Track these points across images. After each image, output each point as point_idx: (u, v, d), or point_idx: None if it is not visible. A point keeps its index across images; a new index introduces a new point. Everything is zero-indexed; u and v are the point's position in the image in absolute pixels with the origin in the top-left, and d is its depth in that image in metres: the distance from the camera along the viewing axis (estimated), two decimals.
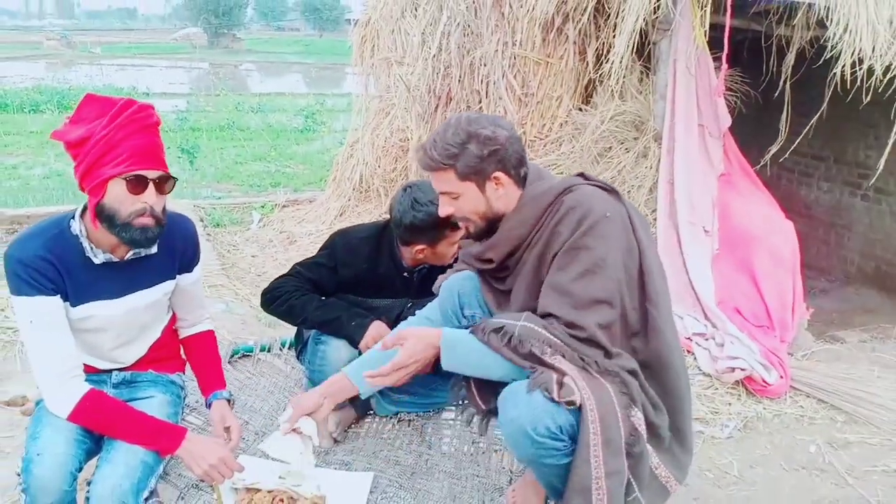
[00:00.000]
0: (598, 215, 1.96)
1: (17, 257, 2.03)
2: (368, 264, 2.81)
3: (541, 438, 1.85)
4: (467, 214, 2.09)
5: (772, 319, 4.09)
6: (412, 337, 2.05)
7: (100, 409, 2.09)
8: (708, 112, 4.30)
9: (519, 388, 1.90)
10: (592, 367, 1.89)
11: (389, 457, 2.63)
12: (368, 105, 6.12)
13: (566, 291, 1.92)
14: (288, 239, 6.01)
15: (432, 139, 2.04)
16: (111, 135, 1.96)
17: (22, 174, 9.00)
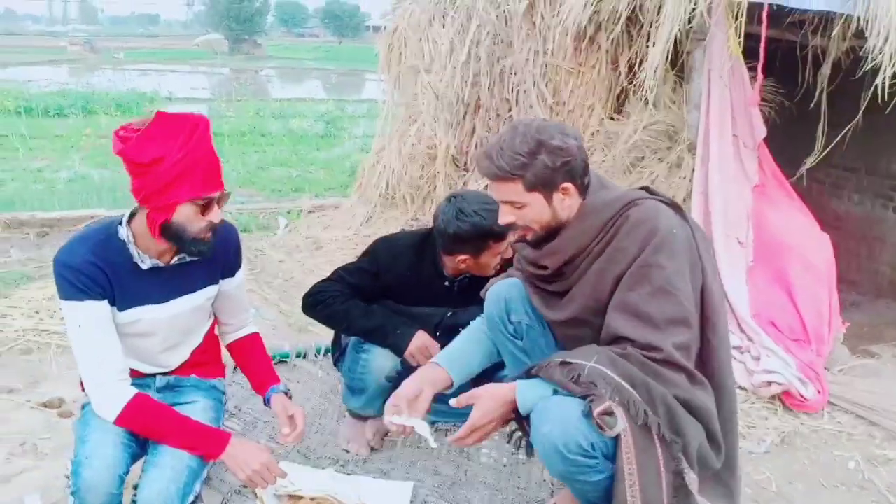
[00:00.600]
0: (665, 232, 1.91)
1: (66, 262, 2.05)
2: (410, 271, 2.79)
3: (572, 456, 1.81)
4: (529, 223, 2.04)
5: (808, 333, 4.02)
6: (484, 396, 1.97)
7: (146, 412, 2.10)
8: (743, 123, 4.24)
9: (551, 404, 1.86)
10: (654, 429, 1.81)
11: (428, 466, 2.61)
12: (395, 112, 6.11)
13: (639, 312, 1.88)
14: (314, 245, 6.00)
15: (498, 147, 1.98)
16: (187, 159, 1.96)
17: (47, 178, 9.01)
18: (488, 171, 2.02)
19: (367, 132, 13.41)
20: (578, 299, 2.05)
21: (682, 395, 1.86)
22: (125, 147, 1.98)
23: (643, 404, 1.80)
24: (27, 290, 5.02)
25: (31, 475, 3.01)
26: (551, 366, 1.89)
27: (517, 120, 2.05)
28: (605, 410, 1.77)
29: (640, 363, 1.84)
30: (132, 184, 2.04)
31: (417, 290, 2.81)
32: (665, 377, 1.85)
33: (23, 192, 7.99)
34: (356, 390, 2.76)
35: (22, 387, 3.73)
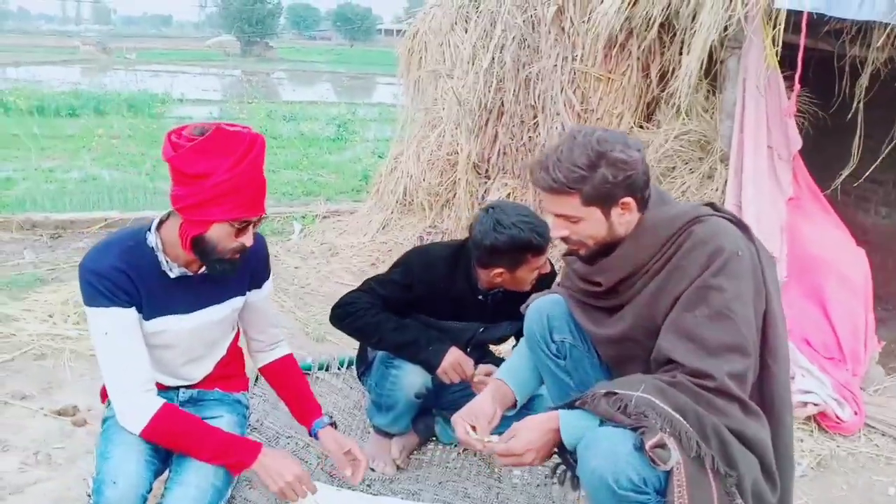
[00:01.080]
0: (729, 253, 1.80)
1: (92, 268, 2.00)
2: (444, 284, 2.69)
3: (623, 492, 1.69)
4: (584, 239, 1.94)
5: (843, 351, 3.89)
6: (525, 429, 1.86)
7: (174, 424, 2.04)
8: (777, 134, 4.13)
9: (600, 436, 1.75)
10: (708, 462, 1.69)
11: (458, 488, 2.52)
12: (413, 117, 6.03)
13: (693, 336, 1.77)
14: (330, 251, 5.94)
15: (555, 158, 1.86)
16: (233, 181, 1.90)
17: (58, 178, 8.98)
18: (543, 184, 1.90)
19: (378, 136, 13.38)
20: (631, 318, 1.95)
21: (736, 426, 1.75)
22: (175, 155, 1.91)
23: (695, 435, 1.69)
24: (41, 293, 4.97)
25: (45, 486, 2.94)
26: (596, 397, 1.78)
27: (575, 128, 1.93)
28: (657, 443, 1.66)
29: (691, 392, 1.73)
30: (173, 189, 1.98)
31: (450, 304, 2.72)
32: (717, 407, 1.73)
33: (34, 192, 7.96)
34: (383, 407, 2.67)
35: (36, 393, 3.67)
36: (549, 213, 2.00)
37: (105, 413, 2.23)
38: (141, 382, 2.06)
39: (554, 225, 1.99)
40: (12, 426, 3.36)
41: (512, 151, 5.33)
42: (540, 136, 5.12)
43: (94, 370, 3.92)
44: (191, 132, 1.95)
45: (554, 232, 2.00)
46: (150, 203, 7.82)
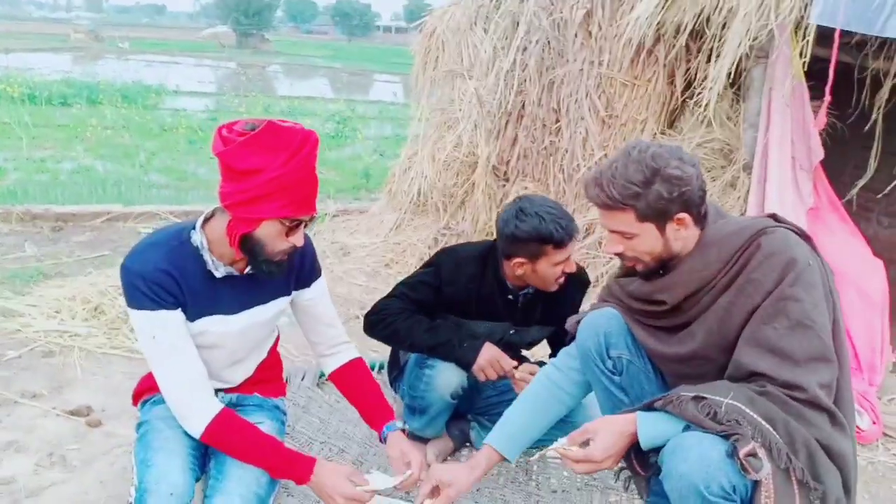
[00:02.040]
0: (803, 263, 1.79)
1: (137, 270, 1.93)
2: (473, 283, 2.65)
3: (714, 498, 1.67)
4: (639, 255, 1.92)
5: (860, 361, 3.93)
6: (603, 431, 1.83)
7: (234, 430, 1.99)
8: (800, 144, 4.14)
9: (688, 441, 1.72)
10: (797, 472, 1.68)
11: (496, 495, 2.48)
12: (429, 117, 5.96)
13: (776, 349, 1.74)
14: (342, 251, 5.88)
15: (609, 174, 1.85)
16: (285, 178, 1.84)
17: (50, 168, 8.86)
18: (598, 199, 1.89)
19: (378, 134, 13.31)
20: (701, 335, 1.92)
21: (824, 439, 1.73)
22: (225, 150, 1.85)
23: (785, 447, 1.68)
24: (45, 287, 4.87)
25: (60, 489, 2.87)
26: (683, 400, 1.76)
27: (631, 143, 1.91)
28: (749, 452, 1.65)
29: (781, 402, 1.72)
30: (221, 186, 1.92)
31: (479, 304, 2.68)
32: (807, 418, 1.72)
33: (25, 183, 7.85)
34: (417, 410, 2.63)
35: (46, 392, 3.59)
36: (605, 228, 1.98)
37: (140, 417, 2.17)
38: (198, 385, 2.01)
39: (609, 241, 1.99)
40: (24, 426, 3.28)
41: (532, 155, 5.29)
42: (562, 141, 5.09)
43: (106, 369, 3.86)
44: (242, 127, 1.88)
45: (609, 247, 1.99)
46: (146, 196, 7.75)
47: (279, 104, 16.01)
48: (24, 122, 10.93)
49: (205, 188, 8.35)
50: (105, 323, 4.36)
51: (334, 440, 2.66)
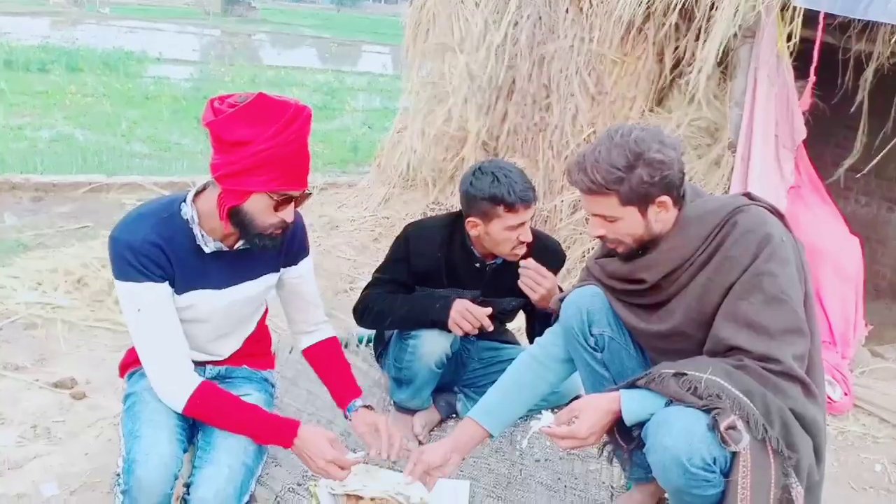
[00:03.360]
0: (776, 240, 1.84)
1: (126, 241, 1.91)
2: (440, 253, 2.68)
3: (694, 469, 1.74)
4: (621, 237, 1.96)
5: (833, 335, 4.06)
6: (587, 409, 1.88)
7: (215, 399, 2.00)
8: (784, 123, 4.18)
9: (672, 416, 1.78)
10: (772, 442, 1.74)
11: (480, 464, 2.53)
12: (419, 91, 5.91)
13: (753, 323, 1.80)
14: (330, 224, 5.86)
15: (593, 159, 1.88)
16: (274, 151, 1.82)
17: (28, 136, 8.69)
18: (582, 184, 1.93)
19: (366, 106, 13.19)
20: (680, 311, 1.96)
21: (798, 408, 1.80)
22: (215, 120, 1.83)
23: (762, 418, 1.74)
24: (26, 259, 4.83)
25: (45, 461, 2.88)
26: (664, 378, 1.81)
27: (613, 127, 1.94)
28: (730, 425, 1.71)
29: (759, 375, 1.78)
30: (212, 157, 1.91)
31: (448, 274, 2.70)
32: (782, 389, 1.78)
33: (3, 152, 7.72)
34: (403, 381, 2.65)
35: (29, 365, 3.58)
36: (588, 213, 2.02)
37: (126, 388, 2.17)
38: (179, 359, 2.01)
39: (592, 224, 2.02)
40: (6, 398, 3.28)
41: (522, 131, 5.29)
42: (552, 117, 5.08)
43: (90, 341, 3.86)
44: (235, 99, 1.87)
45: (592, 231, 2.03)
46: (128, 166, 7.65)
47: (266, 74, 15.82)
48: (1, 88, 10.76)
49: (189, 159, 8.26)
50: (88, 295, 4.34)
51: (322, 412, 2.69)
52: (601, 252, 2.23)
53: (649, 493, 2.27)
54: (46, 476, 2.78)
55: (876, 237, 6.16)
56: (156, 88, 12.62)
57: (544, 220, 4.95)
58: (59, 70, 13.52)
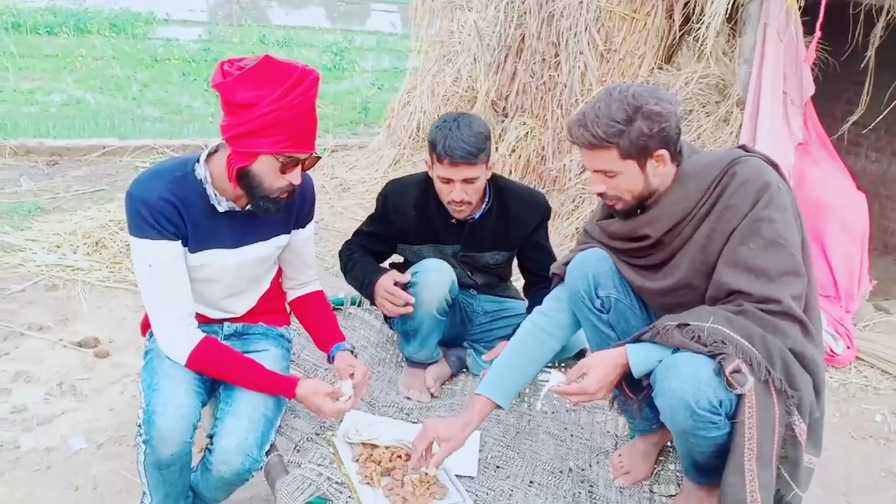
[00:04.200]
0: (774, 187, 1.89)
1: (141, 198, 1.97)
2: (416, 209, 2.72)
3: (701, 412, 1.82)
4: (620, 193, 2.00)
5: (838, 289, 4.14)
6: (595, 366, 1.94)
7: (216, 354, 2.07)
8: (792, 80, 4.20)
9: (680, 361, 1.85)
10: (775, 383, 1.82)
11: (491, 416, 2.59)
12: (427, 50, 5.90)
13: (752, 266, 1.87)
14: (341, 186, 5.90)
15: (593, 113, 1.92)
16: (280, 113, 1.86)
17: (39, 100, 8.70)
18: (582, 139, 1.96)
19: (375, 66, 13.08)
20: (685, 264, 2.01)
21: (797, 347, 1.87)
22: (224, 82, 1.88)
23: (764, 361, 1.81)
24: (44, 222, 4.93)
25: (72, 416, 2.99)
26: (668, 329, 1.88)
27: (611, 86, 1.99)
28: (734, 369, 1.78)
29: (758, 318, 1.84)
30: (222, 119, 1.95)
31: (425, 229, 2.75)
32: (781, 329, 1.84)
33: (14, 115, 7.74)
34: (410, 333, 2.71)
35: (52, 325, 3.69)
36: (589, 169, 2.06)
37: (147, 345, 2.24)
38: (183, 315, 2.07)
39: (592, 181, 2.06)
40: (32, 358, 3.39)
41: (531, 90, 5.28)
42: (561, 76, 5.08)
43: (111, 302, 3.95)
44: (244, 63, 1.91)
45: (592, 187, 2.07)
46: (140, 130, 7.67)
47: (274, 34, 15.61)
48: (10, 51, 10.68)
49: (200, 122, 8.28)
50: (107, 257, 4.44)
51: None
52: (600, 214, 2.27)
53: (652, 442, 2.34)
54: (74, 431, 2.89)
55: (885, 193, 6.20)
56: (165, 50, 12.52)
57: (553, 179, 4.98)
58: (67, 32, 13.40)
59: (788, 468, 1.90)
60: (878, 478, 3.07)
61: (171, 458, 2.00)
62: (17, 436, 2.84)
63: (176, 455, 1.99)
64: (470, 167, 2.49)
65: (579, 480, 2.32)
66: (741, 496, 1.83)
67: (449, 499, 2.09)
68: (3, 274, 4.16)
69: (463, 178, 2.51)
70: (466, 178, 2.51)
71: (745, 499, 1.83)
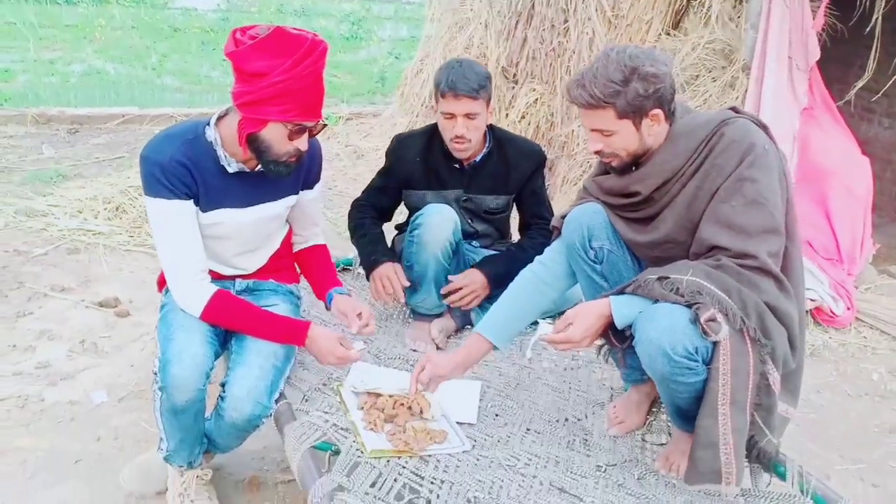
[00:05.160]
0: (760, 148, 1.97)
1: (154, 159, 2.07)
2: (420, 157, 2.89)
3: (677, 358, 1.91)
4: (617, 151, 2.08)
5: (841, 253, 4.19)
6: (581, 315, 2.05)
7: (229, 307, 2.17)
8: (798, 44, 4.21)
9: (658, 311, 1.95)
10: (750, 332, 1.91)
11: (493, 368, 2.71)
12: (440, 18, 5.93)
13: (733, 223, 1.95)
14: (355, 153, 5.97)
15: (591, 74, 2.00)
16: (289, 83, 1.95)
17: (60, 70, 8.83)
18: (580, 99, 2.04)
19: (393, 35, 13.05)
20: (671, 220, 2.10)
21: (772, 301, 1.95)
22: (236, 51, 1.96)
23: (739, 311, 1.90)
24: (66, 188, 5.08)
25: (94, 372, 3.13)
26: (649, 282, 1.97)
27: (608, 47, 2.05)
28: (709, 317, 1.87)
29: (735, 272, 1.93)
30: (234, 86, 2.04)
31: (428, 175, 2.91)
32: (756, 284, 1.93)
33: (36, 86, 7.89)
34: (415, 280, 2.84)
35: (74, 286, 3.83)
36: (586, 128, 2.14)
37: (163, 300, 2.35)
38: (197, 270, 2.17)
39: (590, 140, 2.14)
40: (55, 317, 3.53)
41: (541, 56, 5.31)
42: (570, 42, 5.11)
43: (131, 264, 4.08)
44: (256, 31, 1.99)
45: (591, 146, 2.15)
46: (160, 100, 7.79)
47: (292, 3, 15.59)
48: (30, 21, 10.79)
49: (219, 91, 8.37)
50: (127, 222, 4.59)
51: None
52: (597, 171, 2.36)
53: (645, 393, 2.44)
54: (96, 385, 3.03)
55: None
56: (184, 20, 12.58)
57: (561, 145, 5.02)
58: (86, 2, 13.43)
59: (762, 415, 2.00)
60: (872, 433, 3.14)
61: (186, 405, 2.09)
62: (41, 390, 2.97)
63: (190, 402, 2.09)
64: (472, 101, 2.67)
65: (575, 429, 2.42)
66: (713, 438, 1.94)
67: (449, 443, 2.19)
68: (26, 238, 4.32)
69: (465, 113, 2.68)
70: (468, 112, 2.68)
71: (717, 441, 1.93)
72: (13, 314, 3.52)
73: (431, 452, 2.13)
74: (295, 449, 2.05)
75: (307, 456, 2.02)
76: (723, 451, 1.94)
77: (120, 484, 2.44)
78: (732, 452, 1.95)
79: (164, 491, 2.40)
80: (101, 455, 2.64)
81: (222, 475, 2.57)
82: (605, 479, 2.16)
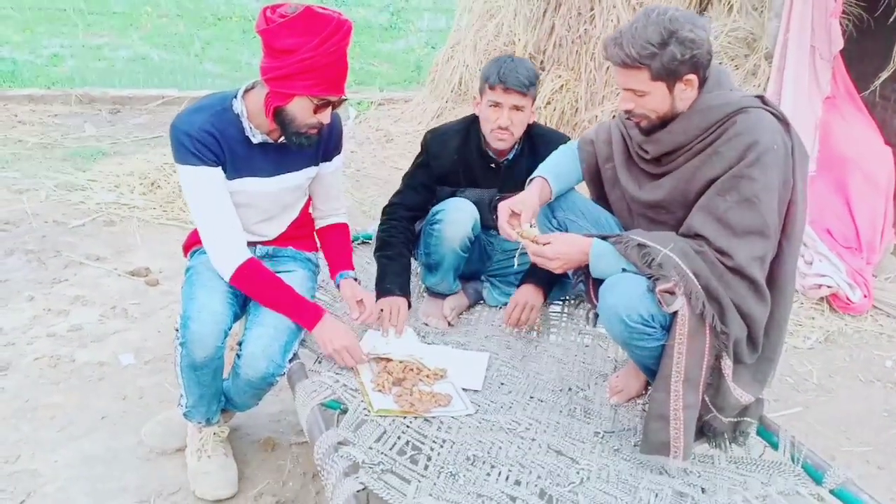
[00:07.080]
0: (765, 146, 1.95)
1: (184, 130, 2.18)
2: (458, 154, 2.90)
3: (633, 324, 2.00)
4: (647, 112, 2.08)
5: (860, 241, 4.20)
6: (563, 241, 2.13)
7: (257, 275, 2.27)
8: (821, 33, 4.21)
9: (619, 281, 2.03)
10: (708, 318, 1.96)
11: (501, 342, 2.76)
12: (472, 6, 6.01)
13: (721, 217, 1.98)
14: (385, 137, 6.07)
15: (629, 34, 1.97)
16: (316, 59, 2.06)
17: (107, 55, 9.05)
18: (616, 58, 2.03)
19: (431, 26, 13.09)
20: (668, 187, 2.14)
21: (737, 300, 2.00)
22: (267, 28, 2.07)
23: (703, 296, 1.95)
24: (105, 165, 5.26)
25: (123, 336, 3.27)
26: (629, 244, 2.02)
27: (650, 7, 2.02)
28: (666, 289, 1.94)
29: (711, 263, 1.97)
30: (263, 60, 2.15)
31: (465, 173, 2.92)
32: (727, 282, 1.97)
33: (83, 70, 8.09)
34: (432, 266, 2.89)
35: (108, 256, 4.00)
36: (620, 87, 2.15)
37: (188, 263, 2.47)
38: (233, 234, 2.27)
39: (622, 98, 2.15)
40: (88, 284, 3.69)
41: (567, 43, 5.36)
42: (595, 29, 5.15)
43: (163, 236, 4.23)
44: (285, 10, 2.09)
45: (621, 104, 2.16)
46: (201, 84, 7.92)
47: None
48: (79, 8, 11.04)
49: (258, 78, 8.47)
50: (161, 197, 4.74)
51: None
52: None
53: None
54: (124, 348, 3.18)
55: None
56: (226, 8, 12.75)
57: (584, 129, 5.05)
58: None
59: (711, 393, 2.07)
60: (881, 417, 3.16)
61: (205, 361, 2.20)
62: (73, 351, 3.12)
63: (209, 358, 2.20)
64: (521, 97, 2.68)
65: (577, 398, 2.48)
66: (665, 412, 2.01)
67: (453, 406, 2.26)
68: (65, 210, 4.50)
69: (512, 105, 2.69)
70: (515, 105, 2.69)
71: (668, 415, 2.01)
72: (50, 280, 3.68)
73: (436, 414, 2.20)
74: (304, 404, 2.14)
75: (316, 411, 2.10)
76: (672, 425, 2.01)
77: (142, 439, 2.57)
78: (682, 427, 2.01)
79: (184, 447, 2.53)
80: (125, 413, 2.77)
81: (239, 435, 2.69)
82: (602, 444, 2.21)
